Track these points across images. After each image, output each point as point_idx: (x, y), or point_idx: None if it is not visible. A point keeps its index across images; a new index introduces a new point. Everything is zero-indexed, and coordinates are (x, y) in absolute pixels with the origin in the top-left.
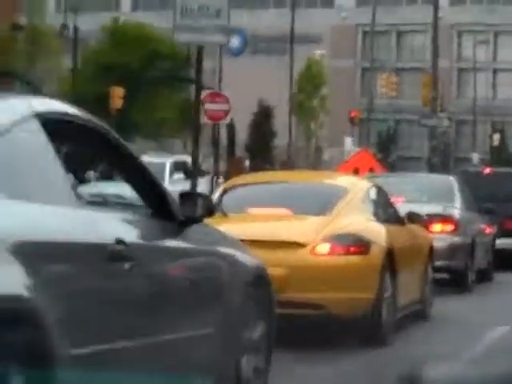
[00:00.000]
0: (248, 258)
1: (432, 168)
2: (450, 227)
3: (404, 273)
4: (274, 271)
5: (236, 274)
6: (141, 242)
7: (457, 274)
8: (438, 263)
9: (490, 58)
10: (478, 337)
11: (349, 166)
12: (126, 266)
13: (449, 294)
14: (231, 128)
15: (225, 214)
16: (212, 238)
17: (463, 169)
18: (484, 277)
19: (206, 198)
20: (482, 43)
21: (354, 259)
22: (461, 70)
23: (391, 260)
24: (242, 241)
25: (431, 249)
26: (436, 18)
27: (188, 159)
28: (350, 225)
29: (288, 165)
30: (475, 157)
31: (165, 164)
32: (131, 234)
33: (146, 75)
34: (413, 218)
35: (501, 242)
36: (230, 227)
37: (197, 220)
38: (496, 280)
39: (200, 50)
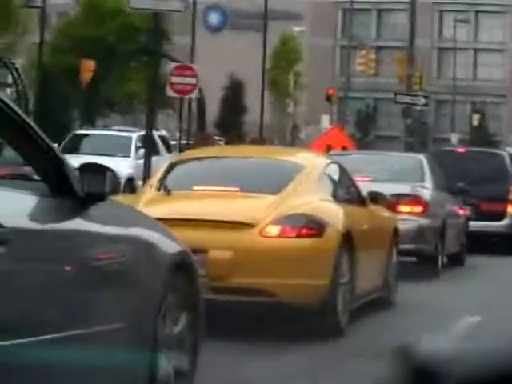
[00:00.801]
0: (168, 242)
1: (408, 148)
2: (418, 208)
3: (364, 257)
4: (219, 254)
5: (152, 260)
6: (23, 223)
7: (426, 258)
8: (406, 246)
9: (470, 37)
10: (445, 327)
11: (321, 144)
12: (1, 250)
13: (417, 280)
14: (201, 103)
15: (168, 192)
16: (122, 218)
17: (436, 148)
18: (456, 261)
19: (111, 171)
20: (462, 22)
21: (307, 242)
22: (441, 50)
23: (349, 243)
24: (187, 221)
25: (396, 231)
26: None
27: (155, 133)
28: (304, 205)
29: (259, 141)
30: (454, 137)
31: (131, 138)
32: (9, 214)
33: (120, 49)
34: (375, 198)
35: (475, 225)
36: (173, 206)
37: (101, 197)
38: (469, 264)
39: (157, 17)
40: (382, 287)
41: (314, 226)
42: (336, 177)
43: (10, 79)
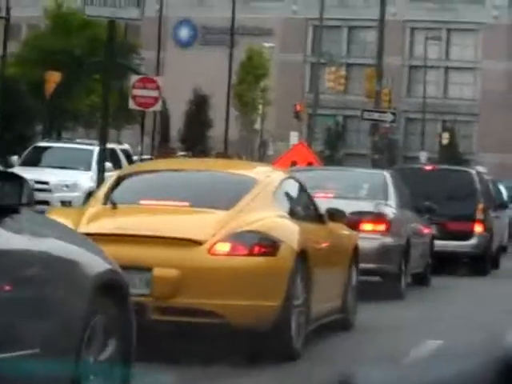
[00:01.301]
0: (94, 260)
1: (375, 165)
2: (381, 226)
3: (320, 277)
4: (165, 272)
5: (73, 280)
6: None
7: (389, 278)
8: (368, 265)
9: (442, 55)
10: (404, 351)
11: (286, 160)
12: None
13: (379, 301)
14: (165, 117)
15: (114, 205)
16: (40, 233)
17: (403, 165)
18: (421, 281)
19: (25, 181)
20: (434, 40)
21: (258, 261)
22: (412, 68)
23: (304, 262)
24: (131, 236)
25: (356, 250)
26: (383, 10)
27: (117, 147)
28: (256, 221)
29: (224, 156)
30: (423, 155)
31: (92, 151)
32: None
33: (86, 62)
34: (334, 215)
35: (441, 244)
36: (118, 220)
37: (14, 209)
38: (434, 285)
39: (112, 25)
40: (341, 309)
41: (267, 244)
42: (292, 192)
43: None
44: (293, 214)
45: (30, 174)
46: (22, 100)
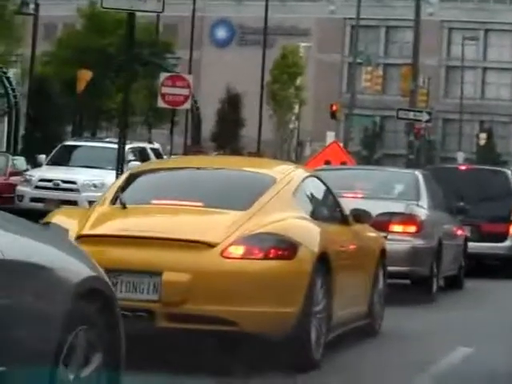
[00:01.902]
0: (74, 267)
1: (411, 165)
2: (412, 228)
3: (343, 281)
4: (175, 277)
5: (46, 289)
6: None
7: (419, 282)
8: (398, 268)
9: (479, 56)
10: (434, 359)
11: (319, 160)
12: None
13: (408, 305)
14: (196, 116)
15: (123, 206)
16: (5, 236)
17: (436, 165)
18: (453, 284)
19: None
20: (471, 40)
21: (275, 264)
22: (449, 68)
23: (325, 266)
24: (140, 238)
25: (383, 252)
26: (418, 9)
27: (147, 146)
28: (273, 223)
29: (256, 155)
30: (460, 156)
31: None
32: None
33: (121, 60)
34: (359, 216)
35: (475, 246)
36: (126, 222)
37: None
38: (467, 288)
39: (131, 18)
40: (366, 314)
41: (284, 247)
42: (314, 192)
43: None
44: (314, 214)
45: (57, 173)
46: (52, 99)
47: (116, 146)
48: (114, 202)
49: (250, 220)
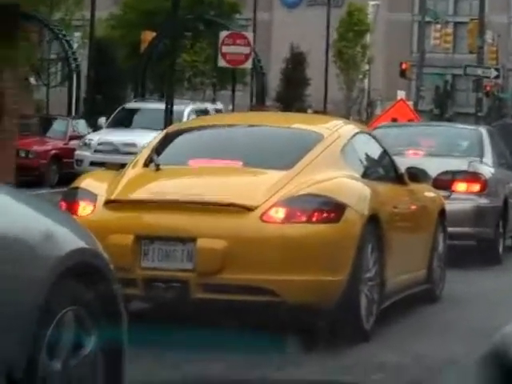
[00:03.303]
0: (63, 236)
1: (478, 123)
2: (476, 186)
3: (397, 245)
4: (210, 243)
5: (22, 266)
6: None
7: (485, 243)
8: (462, 229)
9: None
10: (499, 325)
11: (386, 118)
12: None
13: (473, 268)
14: (260, 76)
15: (157, 167)
16: None
17: (503, 121)
18: None
19: None
20: None
21: (320, 228)
22: None
23: (376, 229)
24: (173, 203)
25: (442, 213)
26: None
27: (210, 106)
28: (318, 183)
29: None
30: None
31: (183, 111)
32: None
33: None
34: (416, 175)
35: None
36: (159, 185)
37: None
38: None
39: None
40: (425, 279)
41: (329, 209)
42: (365, 149)
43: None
44: (364, 173)
45: (117, 136)
46: (115, 62)
47: (178, 107)
48: (147, 163)
49: (292, 180)
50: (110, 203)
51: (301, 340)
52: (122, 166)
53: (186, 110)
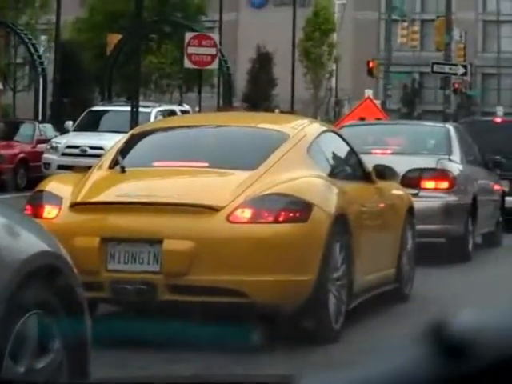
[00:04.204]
0: (24, 240)
1: (447, 120)
2: (444, 184)
3: (365, 244)
4: (177, 245)
5: None
6: None
7: (454, 241)
8: (431, 227)
9: None
10: None
11: (353, 117)
12: None
13: (442, 266)
14: (227, 76)
15: (122, 169)
16: None
17: (471, 118)
18: (491, 241)
19: None
20: None
21: (286, 228)
22: (486, 23)
23: (343, 228)
24: (138, 204)
25: (411, 211)
26: None
27: (177, 108)
28: (284, 182)
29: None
30: (500, 110)
31: (149, 113)
32: None
33: (152, 24)
34: (383, 173)
35: None
36: (124, 186)
37: None
38: (506, 245)
39: None
40: (394, 278)
41: (296, 208)
42: (331, 148)
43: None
44: (332, 172)
45: (84, 139)
46: (81, 65)
47: (144, 109)
48: (112, 165)
49: (258, 180)
50: (75, 206)
51: (269, 340)
52: (90, 168)
53: (152, 112)
